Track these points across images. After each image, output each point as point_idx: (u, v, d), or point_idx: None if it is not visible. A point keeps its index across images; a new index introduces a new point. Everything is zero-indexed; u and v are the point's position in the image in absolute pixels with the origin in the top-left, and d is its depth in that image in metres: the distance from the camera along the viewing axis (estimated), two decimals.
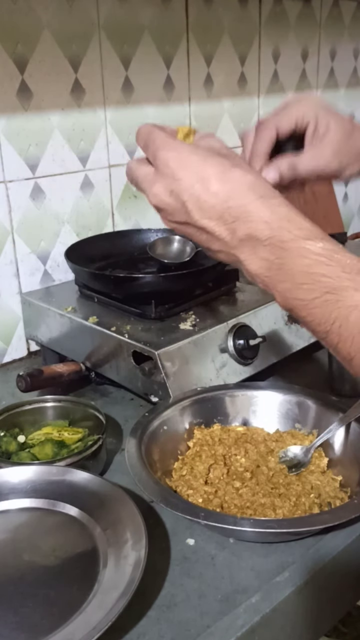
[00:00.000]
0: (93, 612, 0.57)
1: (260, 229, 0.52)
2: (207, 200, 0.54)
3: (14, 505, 0.73)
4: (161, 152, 0.56)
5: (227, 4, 1.36)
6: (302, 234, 0.51)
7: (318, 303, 0.51)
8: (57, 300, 1.09)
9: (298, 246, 0.51)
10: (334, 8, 1.63)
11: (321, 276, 0.50)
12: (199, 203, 0.54)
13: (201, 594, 0.63)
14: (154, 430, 0.81)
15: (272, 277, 0.53)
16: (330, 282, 0.50)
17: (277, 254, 0.52)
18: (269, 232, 0.52)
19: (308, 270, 0.51)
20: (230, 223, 0.54)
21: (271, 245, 0.52)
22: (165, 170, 0.56)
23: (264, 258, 0.53)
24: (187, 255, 1.09)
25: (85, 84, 1.15)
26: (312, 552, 0.68)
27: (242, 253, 0.54)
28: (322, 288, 0.50)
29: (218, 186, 0.53)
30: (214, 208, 0.54)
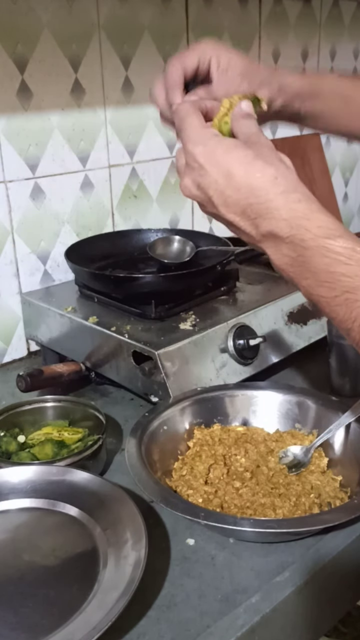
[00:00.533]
0: (93, 612, 0.57)
1: (280, 226, 0.53)
2: (230, 195, 0.55)
3: (14, 505, 0.73)
4: (189, 145, 0.57)
5: (227, 4, 1.36)
6: (321, 232, 0.52)
7: (339, 301, 0.51)
8: (57, 300, 1.09)
9: (317, 245, 0.51)
10: (334, 8, 1.63)
11: (341, 275, 0.51)
12: (223, 197, 0.55)
13: (201, 594, 0.63)
14: (154, 430, 0.81)
15: (296, 272, 0.54)
16: (350, 282, 0.50)
17: (298, 252, 0.53)
18: (288, 230, 0.53)
19: (328, 269, 0.51)
20: (253, 219, 0.55)
21: (292, 243, 0.53)
22: (193, 164, 0.57)
23: (287, 254, 0.54)
24: (187, 255, 1.09)
25: (85, 84, 1.15)
26: (312, 552, 0.68)
27: (267, 247, 0.56)
28: (342, 287, 0.51)
29: (240, 181, 0.54)
30: (237, 203, 0.55)
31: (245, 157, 0.55)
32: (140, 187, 1.30)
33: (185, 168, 0.58)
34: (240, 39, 1.41)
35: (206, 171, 0.56)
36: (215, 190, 0.55)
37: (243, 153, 0.55)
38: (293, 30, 1.54)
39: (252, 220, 0.55)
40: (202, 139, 0.57)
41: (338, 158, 1.82)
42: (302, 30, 1.56)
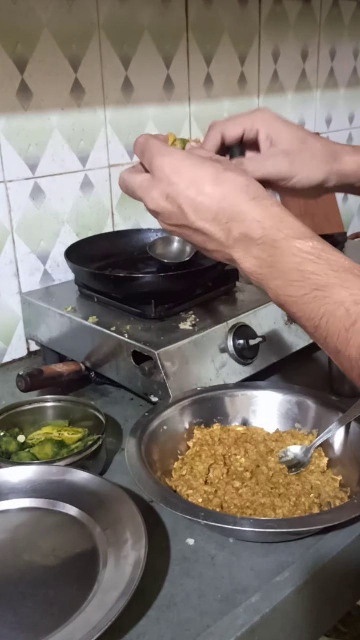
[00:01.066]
0: (93, 612, 0.57)
1: (253, 228, 0.55)
2: (202, 202, 0.56)
3: (14, 505, 0.73)
4: (157, 158, 0.59)
5: (227, 4, 1.36)
6: (293, 233, 0.54)
7: (308, 299, 0.53)
8: (57, 300, 1.09)
9: (289, 245, 0.53)
10: (334, 8, 1.63)
11: (310, 274, 0.52)
12: (194, 205, 0.57)
13: (201, 594, 0.63)
14: (154, 430, 0.81)
15: (265, 274, 0.55)
16: (319, 280, 0.52)
17: (269, 252, 0.54)
18: (261, 231, 0.54)
19: (298, 268, 0.53)
20: (224, 223, 0.56)
21: (264, 244, 0.54)
22: (161, 175, 0.58)
23: (257, 257, 0.55)
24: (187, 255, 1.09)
25: (85, 84, 1.15)
26: (312, 552, 0.68)
27: (237, 252, 0.57)
28: (311, 285, 0.52)
29: (212, 188, 0.56)
30: (209, 209, 0.56)
31: (216, 168, 0.57)
32: None
33: (151, 182, 0.59)
34: (240, 39, 1.41)
35: (175, 182, 0.57)
36: (186, 197, 0.57)
37: (213, 165, 0.57)
38: (293, 30, 1.54)
39: (224, 225, 0.56)
40: (168, 153, 0.59)
41: None
42: (302, 30, 1.56)
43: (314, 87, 1.66)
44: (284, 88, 1.57)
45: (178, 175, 0.57)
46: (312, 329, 0.54)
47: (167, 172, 0.58)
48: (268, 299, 1.01)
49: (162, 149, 0.60)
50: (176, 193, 0.57)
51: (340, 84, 1.75)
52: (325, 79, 1.69)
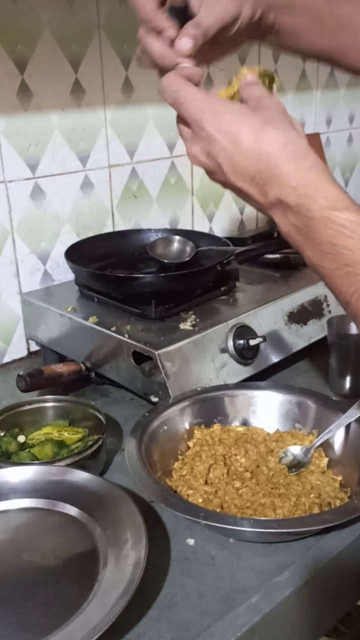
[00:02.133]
0: (93, 612, 0.57)
1: (288, 194, 0.53)
2: (239, 162, 0.54)
3: (14, 505, 0.73)
4: (195, 115, 0.56)
5: None
6: (327, 203, 0.52)
7: (339, 274, 0.52)
8: (57, 300, 1.09)
9: (323, 216, 0.52)
10: None
11: (343, 248, 0.51)
12: (232, 164, 0.55)
13: (201, 594, 0.63)
14: (154, 430, 0.81)
15: (301, 241, 0.54)
16: (351, 255, 0.51)
17: (304, 222, 0.53)
18: (296, 198, 0.52)
19: (331, 241, 0.51)
20: (262, 185, 0.54)
21: (299, 212, 0.53)
22: (201, 133, 0.56)
23: (293, 223, 0.54)
24: (187, 255, 1.09)
25: (85, 84, 1.15)
26: (312, 552, 0.68)
27: (275, 215, 0.55)
28: (343, 260, 0.51)
29: (250, 147, 0.54)
30: (246, 170, 0.54)
31: (255, 123, 0.54)
32: (140, 187, 1.30)
33: (192, 136, 0.57)
34: None
35: (215, 139, 0.55)
36: (225, 157, 0.55)
37: (252, 119, 0.54)
38: None
39: (260, 187, 0.54)
40: (208, 107, 0.56)
41: (338, 158, 1.82)
42: None
43: (314, 87, 1.66)
44: (284, 88, 1.57)
45: (217, 132, 0.55)
46: (343, 303, 0.53)
47: (207, 130, 0.55)
48: (268, 299, 1.02)
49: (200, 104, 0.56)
50: (216, 151, 0.55)
51: (340, 84, 1.75)
52: (325, 79, 1.69)
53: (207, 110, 0.56)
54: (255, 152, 0.53)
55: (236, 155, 0.54)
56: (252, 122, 0.54)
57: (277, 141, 0.53)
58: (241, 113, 0.55)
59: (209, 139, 0.55)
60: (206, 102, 0.56)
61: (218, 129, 0.55)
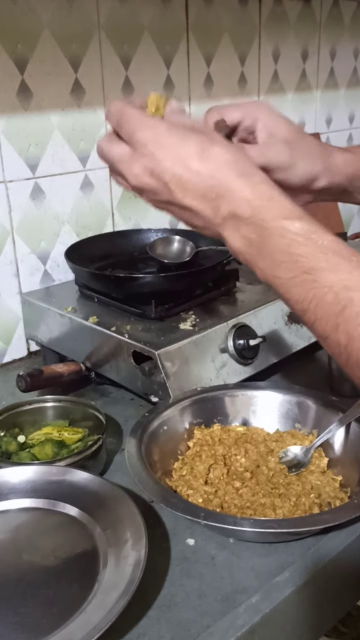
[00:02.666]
0: (93, 612, 0.57)
1: (242, 206, 0.53)
2: (189, 179, 0.54)
3: (14, 505, 0.73)
4: (138, 132, 0.56)
5: (227, 4, 1.36)
6: (282, 213, 0.52)
7: (296, 282, 0.51)
8: (57, 300, 1.09)
9: (277, 225, 0.52)
10: (334, 8, 1.63)
11: (298, 256, 0.51)
12: (181, 182, 0.55)
13: (201, 594, 0.63)
14: (154, 430, 0.81)
15: (253, 254, 0.54)
16: (307, 262, 0.51)
17: (257, 232, 0.53)
18: (250, 210, 0.53)
19: (287, 250, 0.52)
20: (213, 200, 0.54)
21: (252, 223, 0.53)
22: (144, 151, 0.55)
23: (245, 236, 0.54)
24: (187, 255, 1.09)
25: (85, 84, 1.15)
26: (312, 552, 0.68)
27: (225, 230, 0.55)
28: (300, 268, 0.51)
29: (199, 165, 0.54)
30: (196, 187, 0.54)
31: (202, 143, 0.54)
32: None
33: (132, 155, 0.56)
34: (240, 39, 1.41)
35: (159, 158, 0.55)
36: (173, 175, 0.54)
37: (199, 139, 0.55)
38: (293, 31, 1.54)
39: (212, 202, 0.54)
40: (151, 126, 0.56)
41: None
42: (302, 30, 1.56)
43: (314, 87, 1.66)
44: (284, 88, 1.57)
45: (162, 150, 0.54)
46: (300, 312, 0.53)
47: (150, 148, 0.55)
48: (268, 299, 1.02)
49: (142, 121, 0.56)
50: (161, 169, 0.55)
51: (340, 84, 1.75)
52: (325, 79, 1.69)
53: (149, 128, 0.56)
54: (206, 169, 0.54)
55: (185, 173, 0.54)
56: (199, 141, 0.55)
57: (227, 157, 0.54)
58: (186, 132, 0.55)
59: (153, 157, 0.55)
60: (149, 121, 0.56)
61: (164, 147, 0.55)
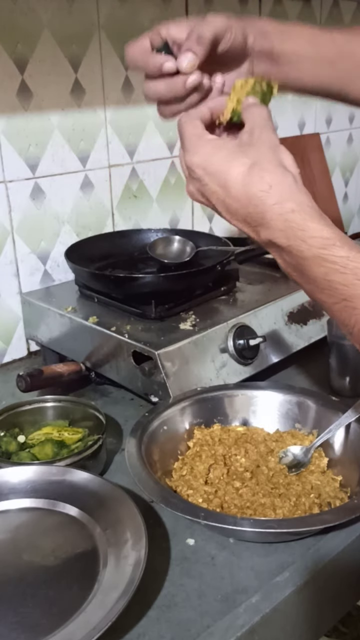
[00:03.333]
0: (93, 612, 0.57)
1: (278, 237, 0.54)
2: (231, 204, 0.56)
3: (14, 505, 0.73)
4: (187, 156, 0.58)
5: (227, 4, 1.36)
6: (316, 242, 0.52)
7: (338, 308, 0.53)
8: (57, 300, 1.09)
9: (314, 255, 0.53)
10: (334, 8, 1.63)
11: (337, 284, 0.52)
12: (225, 206, 0.57)
13: (201, 594, 0.63)
14: (154, 430, 0.81)
15: (298, 277, 0.56)
16: (346, 290, 0.52)
17: (297, 261, 0.54)
18: (286, 240, 0.54)
19: (326, 278, 0.52)
20: (254, 227, 0.56)
21: (290, 252, 0.54)
22: (193, 175, 0.58)
23: (288, 262, 0.56)
24: (187, 255, 1.09)
25: (85, 84, 1.15)
26: (312, 552, 0.68)
27: (271, 252, 0.57)
28: (340, 295, 0.52)
29: (238, 191, 0.55)
30: (237, 212, 0.56)
31: (243, 166, 0.55)
32: (140, 187, 1.30)
33: (188, 176, 0.59)
34: None
35: (205, 182, 0.57)
36: (217, 199, 0.57)
37: (240, 161, 0.55)
38: None
39: (253, 228, 0.56)
40: (197, 149, 0.58)
41: (338, 158, 1.82)
42: None
43: None
44: None
45: (207, 175, 0.57)
46: (347, 333, 0.55)
47: (198, 173, 0.57)
48: (268, 299, 1.02)
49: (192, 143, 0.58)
50: (209, 193, 0.57)
51: None
52: None
53: (196, 152, 0.58)
54: (244, 196, 0.55)
55: (227, 198, 0.56)
56: (240, 165, 0.55)
57: (263, 185, 0.54)
58: (230, 154, 0.56)
59: (201, 181, 0.58)
60: (196, 144, 0.58)
61: (207, 172, 0.57)
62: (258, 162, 0.55)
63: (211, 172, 0.56)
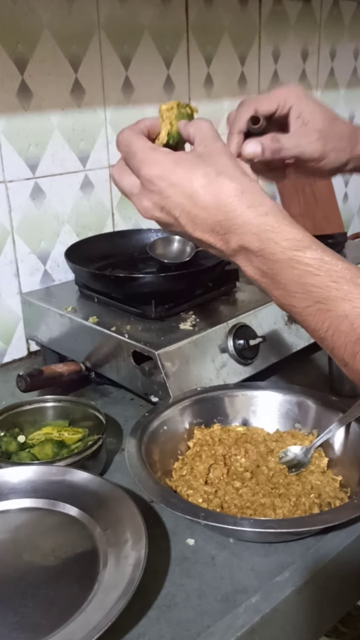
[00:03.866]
0: (93, 612, 0.57)
1: (250, 240, 0.53)
2: (198, 215, 0.54)
3: (14, 505, 0.73)
4: (144, 168, 0.56)
5: (227, 4, 1.36)
6: (290, 244, 0.52)
7: (311, 311, 0.52)
8: (57, 300, 1.09)
9: (287, 257, 0.52)
10: (334, 8, 1.63)
11: (311, 286, 0.51)
12: (190, 217, 0.55)
13: (201, 594, 0.63)
14: (154, 430, 0.81)
15: (268, 283, 0.54)
16: (320, 292, 0.51)
17: (268, 265, 0.53)
18: (258, 244, 0.53)
19: (298, 281, 0.51)
20: (222, 235, 0.54)
21: (262, 256, 0.53)
22: (152, 188, 0.55)
23: (258, 267, 0.54)
24: (187, 255, 1.09)
25: (85, 84, 1.15)
26: (312, 552, 0.68)
27: (238, 260, 0.56)
28: (313, 298, 0.51)
29: (206, 200, 0.54)
30: (205, 222, 0.54)
31: (208, 175, 0.54)
32: None
33: (142, 191, 0.57)
34: (240, 39, 1.41)
35: (168, 194, 0.55)
36: (182, 211, 0.55)
37: (204, 170, 0.54)
38: (293, 30, 1.54)
39: (221, 236, 0.55)
40: (156, 161, 0.55)
41: None
42: (302, 30, 1.56)
43: (314, 87, 1.66)
44: None
45: (170, 187, 0.54)
46: (318, 340, 0.53)
47: (158, 185, 0.55)
48: (268, 299, 1.02)
49: (148, 156, 0.56)
50: (171, 206, 0.55)
51: (340, 84, 1.75)
52: (325, 79, 1.69)
53: (155, 164, 0.55)
54: (213, 204, 0.53)
55: (193, 209, 0.54)
56: (204, 174, 0.54)
57: (233, 190, 0.53)
58: (192, 165, 0.55)
59: (161, 194, 0.55)
60: (154, 156, 0.56)
61: (171, 183, 0.54)
62: (222, 170, 0.54)
63: (174, 184, 0.54)
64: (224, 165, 0.55)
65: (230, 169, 0.55)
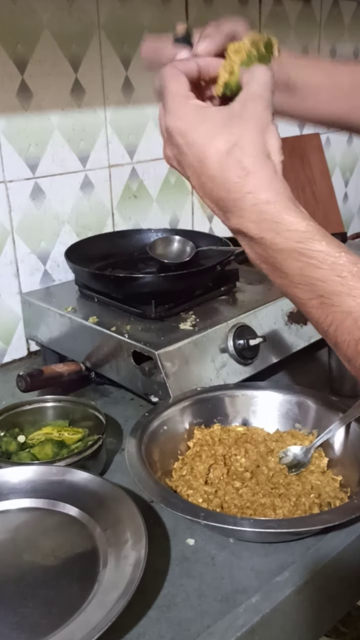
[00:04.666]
0: (93, 612, 0.57)
1: (248, 227, 0.51)
2: (205, 183, 0.52)
3: (14, 505, 0.73)
4: (169, 119, 0.53)
5: (227, 4, 1.36)
6: (292, 235, 0.49)
7: (314, 304, 0.50)
8: (57, 300, 1.09)
9: (289, 248, 0.49)
10: (334, 8, 1.63)
11: (315, 279, 0.49)
12: (199, 182, 0.53)
13: (201, 594, 0.63)
14: (154, 430, 0.81)
15: (270, 270, 0.52)
16: (324, 287, 0.48)
17: (269, 253, 0.51)
18: (258, 232, 0.50)
19: (302, 273, 0.49)
20: (224, 212, 0.52)
21: (263, 244, 0.51)
22: (172, 140, 0.54)
23: (259, 253, 0.52)
24: (187, 255, 1.09)
25: (85, 84, 1.15)
26: (312, 552, 0.68)
27: (240, 240, 0.53)
28: (317, 291, 0.49)
29: (214, 171, 0.51)
30: (211, 192, 0.52)
31: (224, 145, 0.51)
32: (140, 187, 1.30)
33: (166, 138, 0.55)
34: None
35: (184, 152, 0.53)
36: (193, 172, 0.53)
37: (223, 138, 0.51)
38: (293, 30, 1.54)
39: (223, 213, 0.53)
40: (180, 114, 0.53)
41: (338, 158, 1.82)
42: (302, 30, 1.56)
43: None
44: None
45: (187, 145, 0.52)
46: (321, 333, 0.51)
47: (177, 140, 0.53)
48: (268, 299, 1.02)
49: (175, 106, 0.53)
50: (185, 164, 0.53)
51: None
52: None
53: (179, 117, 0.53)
54: (220, 178, 0.51)
55: (202, 175, 0.52)
56: (222, 142, 0.51)
57: (240, 170, 0.50)
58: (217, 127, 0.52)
59: (179, 149, 0.53)
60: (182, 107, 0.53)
61: (189, 142, 0.52)
62: (240, 142, 0.51)
63: (190, 143, 0.52)
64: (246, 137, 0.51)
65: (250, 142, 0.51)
